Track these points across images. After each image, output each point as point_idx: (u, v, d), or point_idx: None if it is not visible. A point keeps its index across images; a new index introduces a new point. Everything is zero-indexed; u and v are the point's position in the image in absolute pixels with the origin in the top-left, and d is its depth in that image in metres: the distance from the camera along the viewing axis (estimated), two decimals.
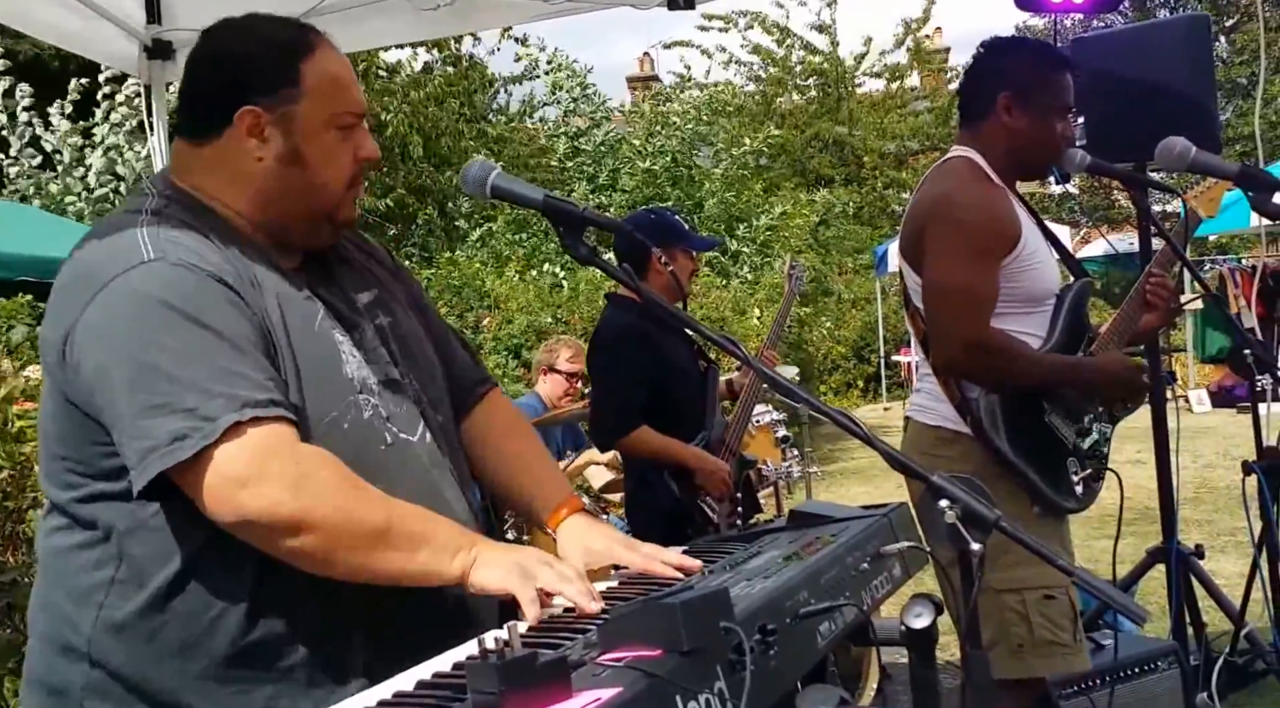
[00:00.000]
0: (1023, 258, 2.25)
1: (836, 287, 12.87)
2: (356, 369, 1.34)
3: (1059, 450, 2.29)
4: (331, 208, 1.38)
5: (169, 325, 1.19)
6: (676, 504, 3.05)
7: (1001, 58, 2.35)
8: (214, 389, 1.17)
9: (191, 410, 1.16)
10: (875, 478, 8.49)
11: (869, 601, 1.33)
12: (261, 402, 1.19)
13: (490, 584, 1.22)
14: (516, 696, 0.85)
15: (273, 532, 1.18)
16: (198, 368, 1.18)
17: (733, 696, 0.95)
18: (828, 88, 17.17)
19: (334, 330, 1.35)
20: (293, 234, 1.38)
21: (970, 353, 2.21)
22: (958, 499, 1.19)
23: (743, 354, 1.32)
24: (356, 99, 1.39)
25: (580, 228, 1.32)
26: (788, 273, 3.91)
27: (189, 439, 1.15)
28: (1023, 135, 2.29)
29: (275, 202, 1.35)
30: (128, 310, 1.21)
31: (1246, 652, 3.28)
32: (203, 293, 1.22)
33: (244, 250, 1.32)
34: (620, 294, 3.29)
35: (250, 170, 1.34)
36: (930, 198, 2.32)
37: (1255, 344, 2.45)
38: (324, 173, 1.36)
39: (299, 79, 1.33)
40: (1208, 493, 6.92)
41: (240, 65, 1.34)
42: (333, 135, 1.35)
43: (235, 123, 1.32)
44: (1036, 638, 2.21)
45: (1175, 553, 3.16)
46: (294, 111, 1.33)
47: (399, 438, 1.35)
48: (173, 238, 1.26)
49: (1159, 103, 3.01)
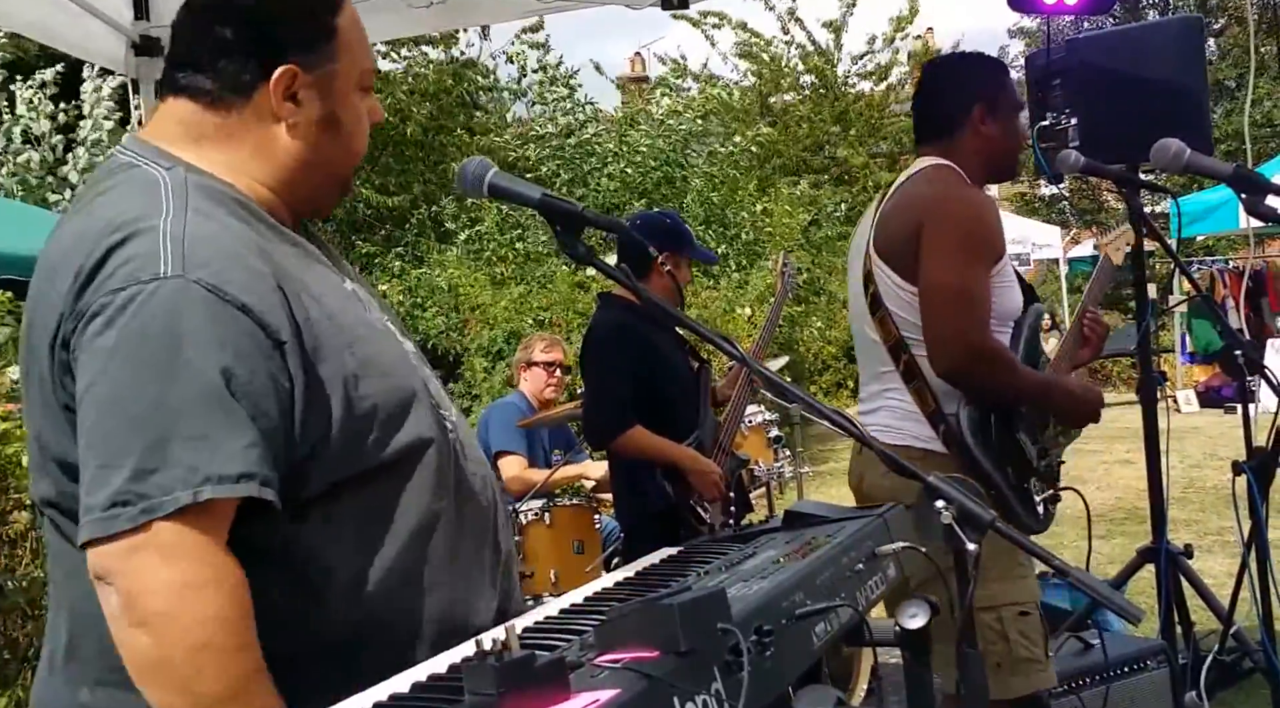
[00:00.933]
0: (1002, 274, 2.26)
1: (828, 286, 12.89)
2: (405, 344, 1.27)
3: (1026, 469, 2.29)
4: (350, 176, 1.29)
5: (156, 368, 1.04)
6: (669, 505, 3.05)
7: (966, 71, 2.41)
8: (173, 453, 1.03)
9: (141, 474, 1.02)
10: None
11: (864, 601, 1.34)
12: (228, 477, 1.04)
13: None
14: (514, 697, 0.84)
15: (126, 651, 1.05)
16: (166, 423, 1.03)
17: (730, 697, 0.95)
18: (822, 89, 17.20)
19: (388, 319, 1.28)
20: (307, 209, 1.27)
21: (976, 357, 2.17)
22: (953, 500, 1.19)
23: (739, 353, 1.32)
24: (372, 54, 1.29)
25: (579, 228, 1.31)
26: (780, 270, 3.91)
27: (128, 507, 1.02)
28: (997, 142, 2.35)
29: (308, 173, 1.22)
30: (125, 338, 1.05)
31: (1234, 650, 3.30)
32: (210, 329, 1.06)
33: (280, 239, 1.18)
34: (613, 294, 3.29)
35: (283, 141, 1.20)
36: (926, 199, 2.28)
37: (1245, 345, 2.46)
38: (354, 138, 1.26)
39: (334, 34, 1.20)
40: (1195, 493, 6.97)
41: (274, 17, 1.18)
42: (357, 98, 1.25)
43: (274, 83, 1.17)
44: (1015, 655, 2.19)
45: (1164, 553, 3.18)
46: (332, 72, 1.21)
47: (449, 420, 1.27)
48: (198, 247, 1.08)
49: (1151, 104, 3.03)
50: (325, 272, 1.22)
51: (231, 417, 1.06)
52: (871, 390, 2.37)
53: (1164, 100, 3.02)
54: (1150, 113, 2.95)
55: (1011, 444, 2.26)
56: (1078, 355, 2.53)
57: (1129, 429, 3.40)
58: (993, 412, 2.23)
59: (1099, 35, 3.66)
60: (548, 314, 8.10)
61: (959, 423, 2.20)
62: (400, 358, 1.24)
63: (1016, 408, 2.28)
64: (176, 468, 1.03)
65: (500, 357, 7.83)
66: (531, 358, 4.47)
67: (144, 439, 1.04)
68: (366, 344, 1.18)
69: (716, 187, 10.56)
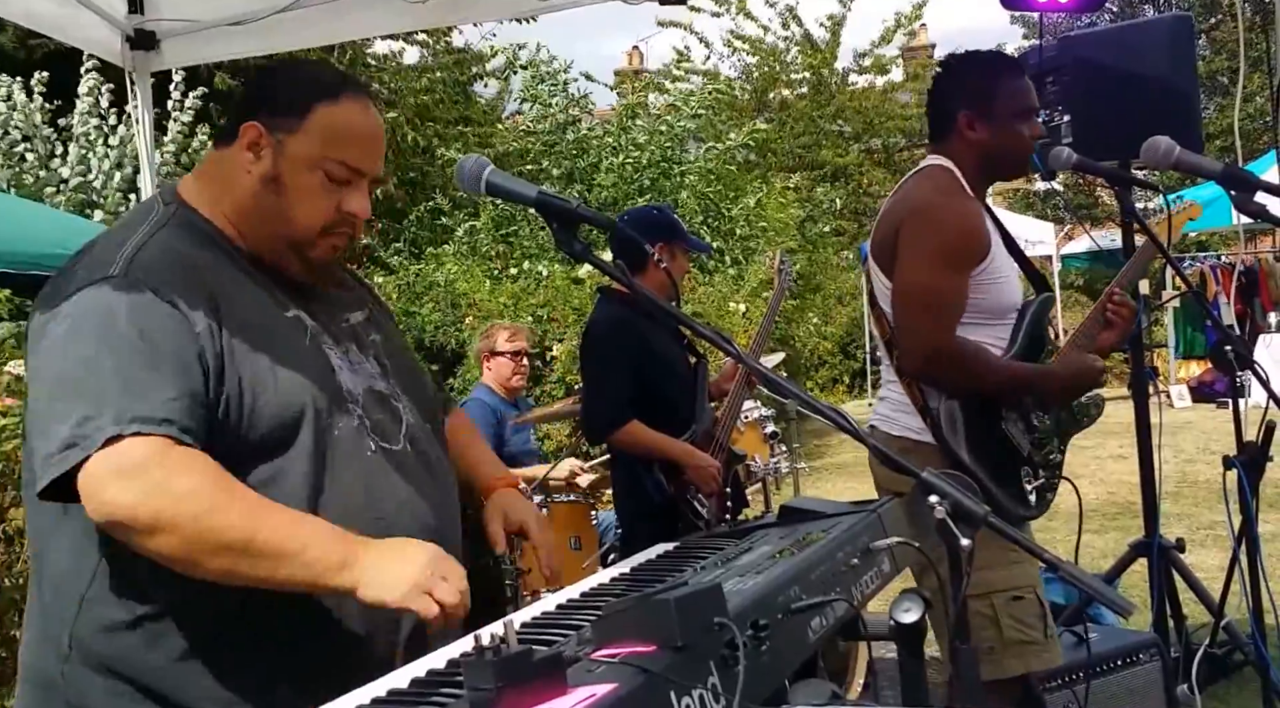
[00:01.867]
0: (989, 271, 2.29)
1: (824, 283, 12.89)
2: (347, 379, 1.43)
3: (1014, 459, 2.32)
4: (300, 243, 1.44)
5: (96, 339, 1.27)
6: (666, 500, 3.06)
7: (955, 76, 2.40)
8: (108, 402, 1.23)
9: (86, 419, 1.22)
10: (861, 474, 8.52)
11: (859, 596, 1.35)
12: (152, 418, 1.23)
13: (386, 600, 1.24)
14: (512, 692, 0.85)
15: (131, 532, 1.23)
16: (105, 381, 1.24)
17: (726, 691, 0.96)
18: (821, 85, 17.19)
19: (324, 345, 1.44)
20: (271, 256, 1.45)
21: (934, 359, 2.24)
22: (947, 495, 1.20)
23: (735, 350, 1.33)
24: (360, 157, 1.43)
25: (574, 224, 1.32)
26: (777, 267, 3.92)
27: (76, 448, 1.21)
28: (988, 147, 2.34)
29: (249, 218, 1.43)
30: (68, 323, 1.29)
31: (1226, 643, 3.33)
32: (140, 310, 1.29)
33: (235, 268, 1.40)
34: (612, 289, 3.30)
35: (239, 181, 1.43)
36: (906, 203, 2.34)
37: (1236, 340, 2.47)
38: (296, 208, 1.42)
39: (306, 114, 1.41)
40: (1188, 488, 6.99)
41: (268, 88, 1.46)
42: (318, 177, 1.42)
43: (240, 134, 1.41)
44: (1006, 639, 2.23)
45: (1157, 547, 3.19)
46: (287, 140, 1.41)
47: (380, 446, 1.42)
48: (145, 257, 1.34)
49: (1143, 101, 3.05)
50: (263, 297, 1.41)
51: (161, 375, 1.27)
52: (884, 380, 2.48)
53: (1156, 98, 3.03)
54: (1142, 110, 2.97)
55: (995, 435, 2.29)
56: (1100, 339, 2.49)
57: (1122, 424, 3.42)
58: (976, 403, 2.27)
59: (1091, 33, 3.68)
60: (544, 310, 8.10)
61: (938, 416, 2.26)
62: (296, 381, 1.37)
63: (1004, 400, 2.31)
64: (109, 412, 1.23)
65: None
66: (495, 347, 4.40)
67: (84, 396, 1.25)
68: (269, 360, 1.36)
69: (712, 182, 10.54)
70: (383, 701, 1.04)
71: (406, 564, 1.25)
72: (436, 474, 1.50)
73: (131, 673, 1.30)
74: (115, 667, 1.31)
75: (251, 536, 1.22)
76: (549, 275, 8.43)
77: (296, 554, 1.23)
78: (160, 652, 1.30)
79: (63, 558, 1.34)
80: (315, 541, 1.25)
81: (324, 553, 1.25)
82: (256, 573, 1.23)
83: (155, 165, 7.73)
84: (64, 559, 1.34)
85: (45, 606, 1.36)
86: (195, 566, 1.23)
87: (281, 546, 1.23)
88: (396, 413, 1.48)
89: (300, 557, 1.24)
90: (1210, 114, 15.57)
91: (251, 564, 1.22)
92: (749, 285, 9.28)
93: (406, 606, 1.23)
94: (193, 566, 1.23)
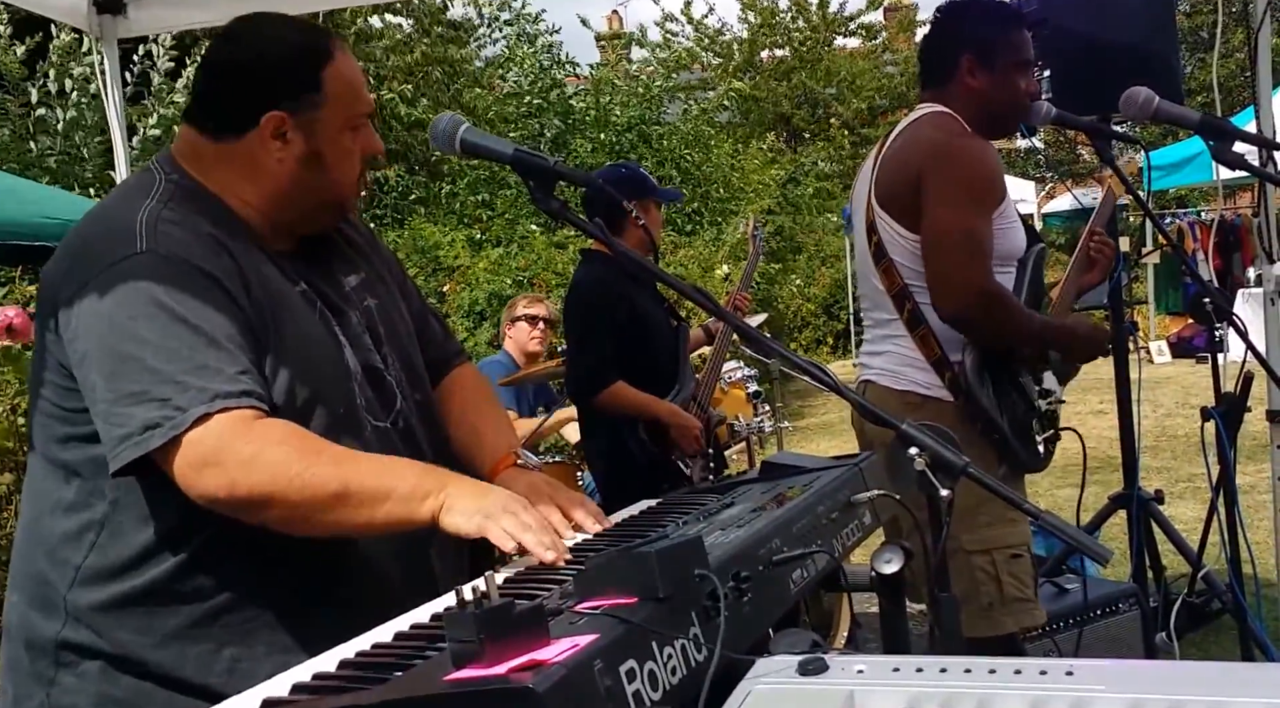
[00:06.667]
0: (1005, 215, 2.26)
1: (806, 245, 12.89)
2: (349, 357, 1.44)
3: (1029, 412, 2.32)
4: (345, 201, 1.49)
5: (151, 319, 1.27)
6: (651, 460, 3.07)
7: (959, 20, 2.35)
8: (188, 382, 1.25)
9: (165, 401, 1.24)
10: (844, 432, 8.58)
11: (840, 548, 1.36)
12: (233, 393, 1.26)
13: (462, 529, 1.27)
14: (495, 643, 0.86)
15: (238, 509, 1.26)
16: (175, 362, 1.25)
17: (708, 641, 0.97)
18: (808, 42, 17.06)
19: (330, 322, 1.44)
20: (303, 226, 1.47)
21: (983, 301, 2.17)
22: (926, 446, 1.21)
23: (715, 306, 1.33)
24: (367, 100, 1.47)
25: (551, 182, 1.31)
26: (750, 234, 3.94)
27: (160, 428, 1.23)
28: (987, 95, 2.30)
29: (293, 198, 1.43)
30: (115, 302, 1.28)
31: (1204, 593, 3.39)
32: (187, 287, 1.29)
33: (247, 242, 1.40)
34: (594, 249, 3.28)
35: (271, 170, 1.42)
36: (919, 147, 2.27)
37: (1215, 292, 2.48)
38: (340, 171, 1.45)
39: (320, 85, 1.41)
40: (1167, 441, 7.08)
41: (268, 73, 1.42)
42: (347, 136, 1.44)
43: (261, 126, 1.40)
44: (1006, 595, 2.25)
45: (1136, 499, 3.23)
46: (316, 116, 1.41)
47: (373, 425, 1.44)
48: (168, 230, 1.32)
49: (1122, 56, 3.03)
50: (274, 271, 1.42)
51: (224, 350, 1.28)
52: (875, 336, 2.40)
53: (1135, 52, 3.02)
54: (1121, 65, 2.95)
55: (1015, 387, 2.29)
56: (1084, 279, 2.52)
57: (1102, 380, 3.45)
58: (995, 356, 2.25)
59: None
60: (527, 274, 8.07)
61: (964, 368, 2.22)
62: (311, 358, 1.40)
63: (1019, 351, 2.30)
64: (191, 391, 1.25)
65: (483, 317, 7.79)
66: (515, 314, 4.52)
67: (158, 375, 1.26)
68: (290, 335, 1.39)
69: (690, 144, 10.48)
70: (367, 654, 1.04)
71: (484, 497, 1.30)
72: (424, 454, 1.50)
73: (125, 644, 1.31)
74: (111, 634, 1.32)
75: (345, 485, 1.26)
76: (528, 237, 8.39)
77: (392, 492, 1.27)
78: (155, 625, 1.31)
79: (61, 523, 1.35)
80: (405, 477, 1.30)
81: (415, 487, 1.28)
82: (357, 521, 1.27)
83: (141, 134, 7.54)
84: (63, 524, 1.35)
85: (39, 570, 1.37)
86: (306, 526, 1.28)
87: (376, 488, 1.27)
88: (389, 389, 1.48)
89: (396, 494, 1.28)
90: (1191, 69, 15.55)
91: (352, 514, 1.26)
92: (727, 245, 9.27)
93: (483, 534, 1.26)
94: (305, 526, 1.28)
